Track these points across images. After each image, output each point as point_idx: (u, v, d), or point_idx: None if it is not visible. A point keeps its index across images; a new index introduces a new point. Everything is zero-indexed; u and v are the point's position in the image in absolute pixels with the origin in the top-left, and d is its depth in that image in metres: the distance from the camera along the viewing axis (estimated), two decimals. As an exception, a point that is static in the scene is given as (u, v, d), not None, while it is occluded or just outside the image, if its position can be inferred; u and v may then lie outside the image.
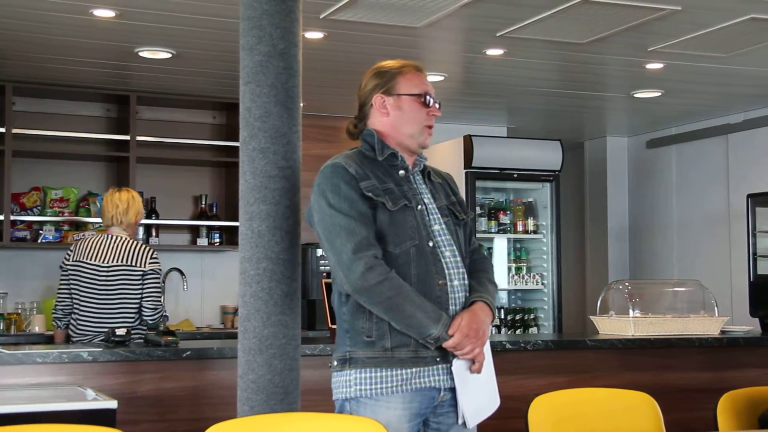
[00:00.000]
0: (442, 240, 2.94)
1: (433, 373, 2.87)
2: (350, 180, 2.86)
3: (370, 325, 2.84)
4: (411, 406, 2.85)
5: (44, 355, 3.86)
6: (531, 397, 3.14)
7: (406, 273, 2.85)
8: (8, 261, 6.83)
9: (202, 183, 7.38)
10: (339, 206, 2.84)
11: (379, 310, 2.81)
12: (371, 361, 2.84)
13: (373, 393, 2.83)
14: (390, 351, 2.83)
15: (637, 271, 9.11)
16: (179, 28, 5.33)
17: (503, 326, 7.75)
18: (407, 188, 2.96)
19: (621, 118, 8.43)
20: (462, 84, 6.86)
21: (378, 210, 2.86)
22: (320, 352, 4.18)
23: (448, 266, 2.91)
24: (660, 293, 5.77)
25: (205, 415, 3.93)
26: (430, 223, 2.94)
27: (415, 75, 3.03)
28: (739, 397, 3.32)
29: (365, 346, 2.85)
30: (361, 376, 2.85)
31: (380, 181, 2.91)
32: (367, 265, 2.77)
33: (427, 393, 2.87)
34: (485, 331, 2.88)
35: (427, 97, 3.00)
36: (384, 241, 2.85)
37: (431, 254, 2.89)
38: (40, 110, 6.90)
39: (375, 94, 3.01)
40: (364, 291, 2.79)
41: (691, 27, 5.33)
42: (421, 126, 3.00)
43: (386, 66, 3.05)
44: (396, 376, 2.84)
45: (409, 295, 2.79)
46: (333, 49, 5.79)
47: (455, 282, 2.91)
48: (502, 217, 7.84)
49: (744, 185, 7.70)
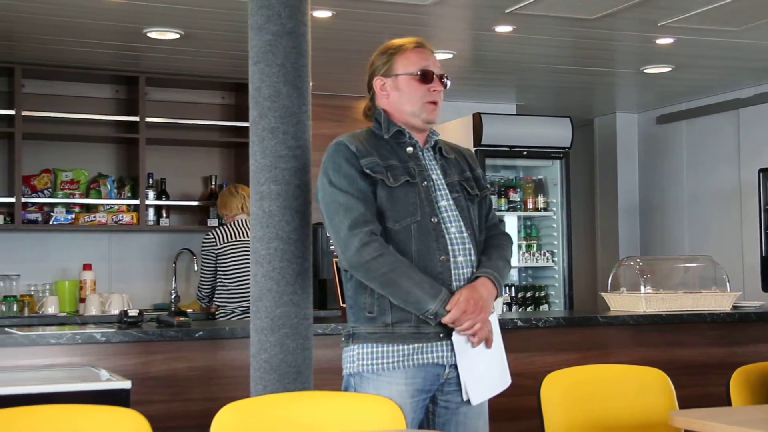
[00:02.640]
0: (449, 216, 2.94)
1: (436, 349, 2.88)
2: (351, 157, 2.89)
3: (372, 301, 2.87)
4: (414, 382, 2.86)
5: (58, 336, 3.88)
6: (543, 374, 3.14)
7: (407, 249, 2.86)
8: (20, 243, 6.85)
9: (212, 164, 7.38)
10: (339, 183, 2.87)
11: (375, 285, 2.84)
12: (372, 336, 2.87)
13: (375, 368, 2.86)
14: (391, 326, 2.85)
15: (648, 247, 9.09)
16: (187, 8, 5.32)
17: (514, 304, 7.75)
18: (414, 165, 2.96)
19: (631, 94, 8.39)
20: (471, 62, 6.83)
21: (378, 186, 2.88)
22: (332, 331, 4.20)
23: (452, 242, 2.91)
24: (671, 269, 5.76)
25: (218, 395, 3.94)
26: (437, 199, 2.94)
27: (413, 52, 3.02)
28: (752, 372, 3.32)
29: (367, 321, 2.88)
30: (363, 351, 2.88)
31: (383, 158, 2.92)
32: (363, 241, 2.80)
33: (431, 369, 2.88)
34: (485, 307, 2.86)
35: (425, 73, 2.99)
36: (384, 217, 2.87)
37: (434, 230, 2.89)
38: (49, 92, 6.90)
39: (375, 77, 3.05)
40: (360, 266, 2.82)
41: (700, 1, 5.29)
42: (421, 103, 2.99)
43: (386, 47, 3.07)
44: (397, 351, 2.85)
45: (406, 271, 2.80)
46: (342, 28, 5.77)
47: (459, 258, 2.91)
48: (512, 194, 7.83)
49: (755, 160, 7.68)
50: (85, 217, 6.73)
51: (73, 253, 6.92)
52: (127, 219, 6.81)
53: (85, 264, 6.80)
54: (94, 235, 7.03)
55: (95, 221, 6.74)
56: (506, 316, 4.83)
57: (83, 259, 6.86)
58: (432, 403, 2.94)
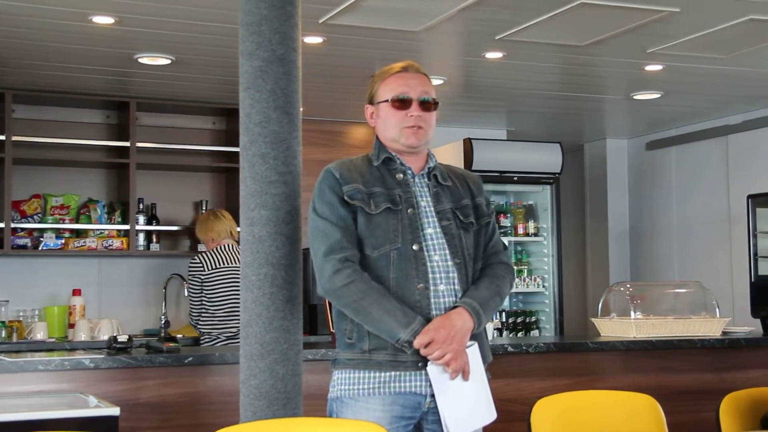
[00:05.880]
0: (433, 244, 2.92)
1: (414, 378, 2.85)
2: (334, 185, 2.91)
3: (351, 327, 2.89)
4: (392, 409, 2.85)
5: (46, 363, 3.86)
6: (533, 400, 3.14)
7: (385, 276, 2.86)
8: (9, 268, 6.83)
9: (203, 189, 7.38)
10: (321, 210, 2.90)
11: (348, 312, 2.86)
12: (350, 362, 2.89)
13: (353, 393, 2.87)
14: (368, 353, 2.86)
15: (638, 272, 9.10)
16: (178, 34, 5.34)
17: (505, 329, 7.74)
18: (401, 191, 2.95)
19: (620, 120, 8.43)
20: (461, 87, 6.86)
21: (358, 213, 2.90)
22: (322, 356, 4.18)
23: (433, 270, 2.89)
24: (661, 295, 5.76)
25: (207, 421, 3.93)
26: (422, 226, 2.93)
27: (394, 77, 3.02)
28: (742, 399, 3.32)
29: (346, 347, 2.91)
30: (342, 376, 2.91)
31: (368, 184, 2.92)
32: (335, 267, 2.82)
33: (411, 397, 2.86)
34: (456, 337, 2.80)
35: (400, 99, 2.97)
36: (363, 245, 2.88)
37: (414, 257, 2.88)
38: (40, 117, 6.90)
39: (366, 106, 3.09)
40: (332, 293, 2.85)
41: (689, 28, 5.33)
42: (398, 129, 2.98)
43: (376, 74, 3.10)
44: (374, 378, 2.85)
45: (378, 299, 2.79)
46: (332, 54, 5.79)
47: (440, 287, 2.88)
48: (502, 219, 7.84)
49: (744, 186, 7.70)
50: (74, 242, 6.71)
51: (63, 279, 6.90)
52: (117, 244, 6.79)
53: (74, 289, 6.78)
54: (84, 260, 7.01)
55: (85, 246, 6.72)
56: (497, 341, 4.82)
57: (73, 284, 6.84)
58: (417, 430, 2.92)
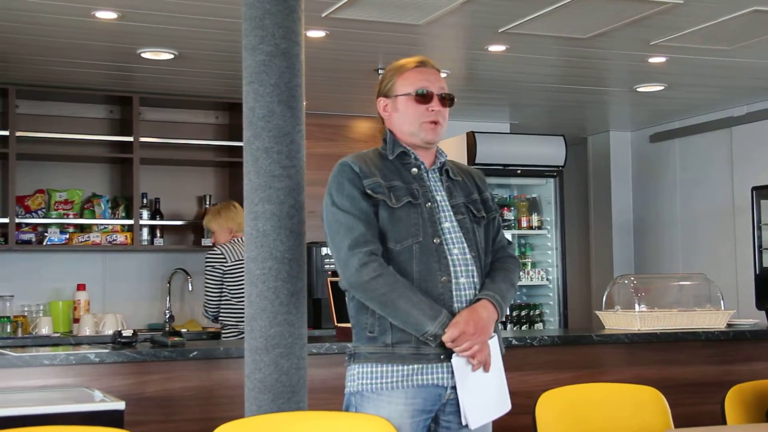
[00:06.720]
0: (452, 237, 2.93)
1: (436, 371, 2.86)
2: (354, 178, 2.89)
3: (373, 321, 2.87)
4: (414, 402, 2.85)
5: (51, 357, 3.86)
6: (538, 393, 3.14)
7: (408, 270, 2.86)
8: (14, 263, 6.84)
9: (206, 183, 7.38)
10: (341, 204, 2.87)
11: (374, 306, 2.84)
12: (372, 356, 2.86)
13: (375, 387, 2.85)
14: (391, 347, 2.85)
15: (642, 265, 9.10)
16: (181, 28, 5.34)
17: (509, 322, 7.75)
18: (418, 186, 2.96)
19: (624, 112, 8.41)
20: (464, 81, 6.85)
21: (380, 207, 2.88)
22: (326, 350, 4.19)
23: (454, 263, 2.90)
24: (665, 287, 5.76)
25: (213, 415, 3.93)
26: (440, 220, 2.94)
27: (413, 72, 3.04)
28: (747, 391, 3.32)
29: (367, 341, 2.88)
30: (363, 370, 2.88)
31: (387, 178, 2.92)
32: (362, 261, 2.80)
33: (432, 390, 2.87)
34: (485, 329, 2.85)
35: (423, 93, 3.00)
36: (385, 238, 2.87)
37: (436, 251, 2.89)
38: (43, 113, 6.90)
39: (378, 98, 3.07)
40: (359, 287, 2.82)
41: (693, 20, 5.33)
42: (418, 123, 3.00)
43: (389, 68, 3.09)
44: (397, 371, 2.84)
45: (405, 292, 2.80)
46: (335, 48, 5.79)
47: (461, 279, 2.90)
48: (506, 213, 7.83)
49: (748, 178, 7.69)
50: (79, 237, 6.72)
51: (67, 274, 6.91)
52: (121, 239, 6.80)
53: (78, 284, 6.79)
54: (88, 255, 7.02)
55: (89, 241, 6.73)
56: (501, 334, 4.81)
57: (77, 279, 6.85)
58: (434, 422, 2.93)
